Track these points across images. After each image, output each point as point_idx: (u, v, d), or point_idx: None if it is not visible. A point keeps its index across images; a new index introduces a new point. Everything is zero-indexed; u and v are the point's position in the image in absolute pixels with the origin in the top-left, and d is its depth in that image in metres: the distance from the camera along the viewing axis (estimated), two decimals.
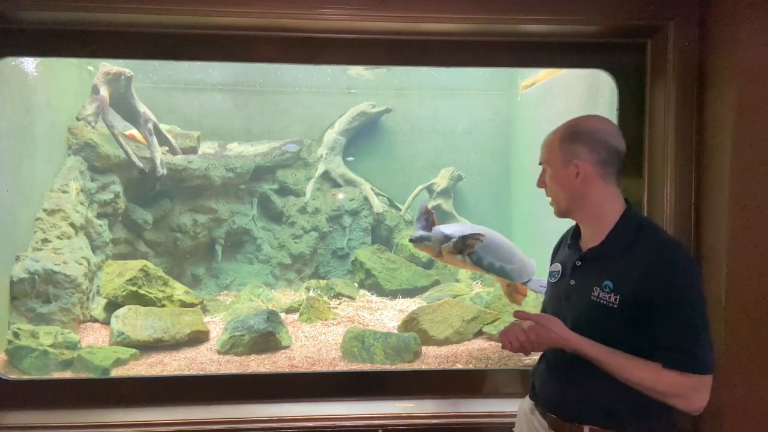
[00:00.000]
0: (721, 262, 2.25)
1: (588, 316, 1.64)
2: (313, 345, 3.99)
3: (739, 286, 2.18)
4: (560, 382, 1.72)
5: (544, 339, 1.62)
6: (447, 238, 3.28)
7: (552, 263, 1.90)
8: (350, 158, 6.22)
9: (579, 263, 1.73)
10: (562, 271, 1.80)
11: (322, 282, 5.52)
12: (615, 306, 1.58)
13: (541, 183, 1.80)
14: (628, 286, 1.58)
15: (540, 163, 1.79)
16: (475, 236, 3.19)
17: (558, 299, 1.76)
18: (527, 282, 3.43)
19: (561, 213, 1.77)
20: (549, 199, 1.79)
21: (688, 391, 1.54)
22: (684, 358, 1.53)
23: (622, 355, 1.58)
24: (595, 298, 1.62)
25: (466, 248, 3.21)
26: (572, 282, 1.72)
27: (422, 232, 3.30)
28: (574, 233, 1.82)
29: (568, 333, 1.62)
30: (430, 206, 3.47)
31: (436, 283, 5.53)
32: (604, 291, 1.61)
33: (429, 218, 3.39)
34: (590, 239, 1.73)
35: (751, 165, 2.16)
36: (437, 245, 3.29)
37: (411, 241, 3.32)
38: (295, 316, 4.64)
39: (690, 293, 1.55)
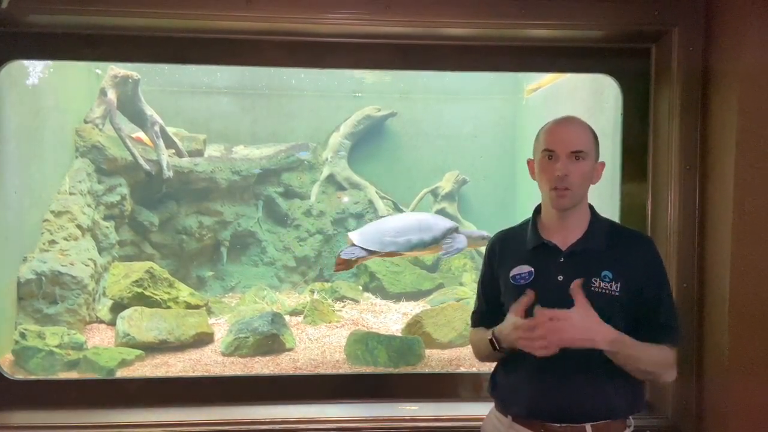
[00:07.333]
0: (725, 266, 2.25)
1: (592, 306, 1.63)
2: (317, 347, 4.00)
3: (742, 290, 2.18)
4: (558, 386, 1.66)
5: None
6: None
7: (506, 267, 1.78)
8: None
9: (563, 259, 1.71)
10: (535, 271, 1.72)
11: (327, 285, 5.52)
12: (617, 294, 1.65)
13: (570, 170, 1.65)
14: (629, 275, 1.66)
15: (576, 151, 1.66)
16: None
17: (546, 298, 1.64)
18: None
19: (569, 206, 1.70)
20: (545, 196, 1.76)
21: (674, 362, 1.71)
22: (675, 333, 1.70)
23: (640, 343, 1.63)
24: (596, 289, 1.65)
25: None
26: (560, 278, 1.68)
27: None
28: (534, 232, 1.76)
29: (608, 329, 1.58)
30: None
31: (440, 286, 5.53)
32: (604, 281, 1.66)
33: None
34: (567, 235, 1.73)
35: (755, 169, 2.16)
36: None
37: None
38: (300, 318, 4.64)
39: (667, 278, 1.74)
